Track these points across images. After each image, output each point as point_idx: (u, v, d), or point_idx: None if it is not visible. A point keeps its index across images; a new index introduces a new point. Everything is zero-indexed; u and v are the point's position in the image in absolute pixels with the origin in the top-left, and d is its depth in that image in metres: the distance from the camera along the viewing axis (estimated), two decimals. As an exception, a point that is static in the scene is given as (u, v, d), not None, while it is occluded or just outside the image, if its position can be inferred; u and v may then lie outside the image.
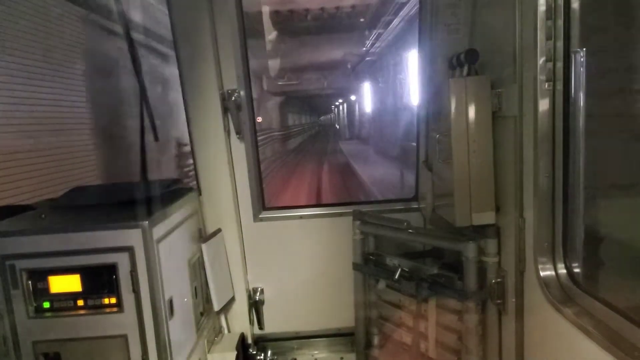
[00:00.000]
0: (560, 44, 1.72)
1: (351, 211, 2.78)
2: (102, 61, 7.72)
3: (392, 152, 16.12)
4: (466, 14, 2.39)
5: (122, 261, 1.93)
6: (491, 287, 2.18)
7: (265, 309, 3.07)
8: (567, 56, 1.71)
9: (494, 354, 2.28)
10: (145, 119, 2.81)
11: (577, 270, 1.78)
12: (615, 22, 1.78)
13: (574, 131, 1.71)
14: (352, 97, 29.44)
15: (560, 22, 1.71)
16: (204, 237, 2.72)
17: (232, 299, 2.92)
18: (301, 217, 3.01)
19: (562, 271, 1.80)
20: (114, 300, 1.96)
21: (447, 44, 2.47)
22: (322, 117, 48.97)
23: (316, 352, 3.13)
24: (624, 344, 1.37)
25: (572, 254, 1.80)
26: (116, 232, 1.93)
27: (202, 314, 2.59)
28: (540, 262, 1.83)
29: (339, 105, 37.52)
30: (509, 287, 2.12)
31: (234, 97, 2.68)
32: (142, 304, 1.95)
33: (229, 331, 2.93)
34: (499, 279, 2.17)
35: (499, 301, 2.18)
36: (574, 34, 1.71)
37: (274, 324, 3.10)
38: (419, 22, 2.72)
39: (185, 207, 2.48)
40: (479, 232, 2.20)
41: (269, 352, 3.00)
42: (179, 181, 2.75)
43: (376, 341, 2.84)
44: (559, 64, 1.73)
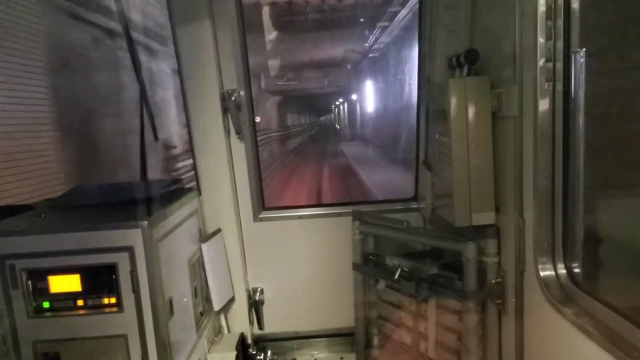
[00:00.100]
0: (560, 44, 1.72)
1: (351, 211, 2.78)
2: (69, 52, 6.49)
3: (398, 154, 15.39)
4: (466, 14, 2.39)
5: (122, 261, 1.92)
6: (491, 287, 2.18)
7: (265, 309, 3.08)
8: (567, 56, 1.71)
9: (493, 354, 2.28)
10: (145, 120, 2.81)
11: (577, 270, 1.78)
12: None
13: (573, 131, 1.72)
14: (354, 97, 28.65)
15: (560, 23, 1.71)
16: (204, 237, 2.72)
17: (232, 299, 2.92)
18: (301, 217, 3.02)
19: (562, 271, 1.80)
20: (113, 300, 1.96)
21: (447, 44, 2.47)
22: (322, 117, 48.91)
23: (316, 352, 3.13)
24: (623, 345, 1.37)
25: (572, 254, 1.80)
26: (116, 232, 1.93)
27: (202, 314, 2.59)
28: (540, 262, 1.83)
29: (339, 105, 37.38)
30: (509, 287, 2.12)
31: (233, 97, 2.69)
32: (142, 303, 1.95)
33: (229, 331, 2.93)
34: (499, 279, 2.17)
35: (498, 301, 2.18)
36: (574, 34, 1.71)
37: (274, 324, 3.10)
38: (419, 22, 2.72)
39: (185, 207, 2.49)
40: (478, 232, 2.20)
41: (269, 352, 3.00)
42: (179, 181, 2.75)
43: (376, 341, 2.84)
44: (559, 64, 1.73)
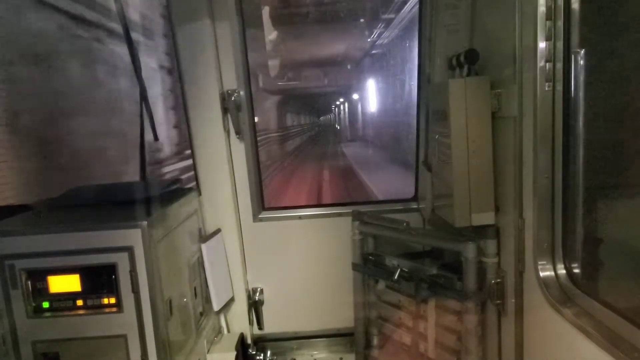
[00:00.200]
0: (560, 45, 1.72)
1: (350, 211, 2.78)
2: (28, 41, 5.37)
3: (402, 155, 14.71)
4: (466, 14, 2.39)
5: (121, 261, 1.92)
6: (491, 287, 2.18)
7: (264, 309, 3.07)
8: (567, 57, 1.71)
9: (493, 354, 2.28)
10: (145, 119, 2.81)
11: (576, 270, 1.78)
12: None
13: (573, 132, 1.72)
14: (355, 96, 27.84)
15: (560, 23, 1.71)
16: (204, 237, 2.72)
17: (232, 299, 2.92)
18: (300, 218, 3.01)
19: (562, 272, 1.80)
20: (113, 300, 1.96)
21: (447, 44, 2.47)
22: (322, 118, 48.86)
23: (315, 353, 3.13)
24: (623, 345, 1.37)
25: (572, 255, 1.80)
26: (116, 232, 1.93)
27: (201, 314, 2.59)
28: (539, 262, 1.83)
29: (339, 104, 37.21)
30: (509, 287, 2.12)
31: (233, 97, 2.69)
32: (142, 304, 1.95)
33: (229, 331, 2.93)
34: (499, 280, 2.17)
35: (498, 302, 2.18)
36: (573, 35, 1.71)
37: (274, 324, 3.10)
38: (418, 23, 2.72)
39: (184, 207, 2.49)
40: (478, 232, 2.20)
41: (269, 352, 3.00)
42: (179, 181, 2.75)
43: (375, 341, 2.84)
44: (559, 65, 1.73)
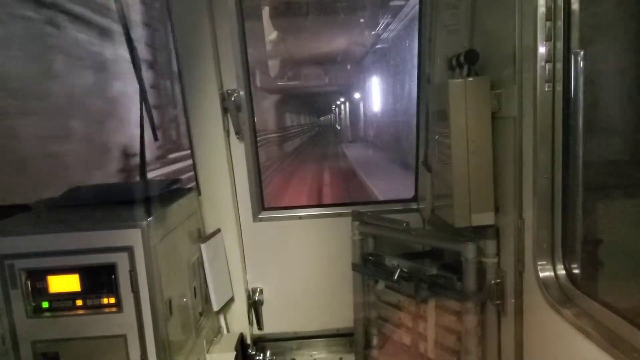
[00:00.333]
0: (560, 45, 1.72)
1: (350, 211, 2.78)
2: None
3: (405, 156, 14.17)
4: (466, 14, 2.39)
5: (121, 261, 1.92)
6: (490, 288, 2.18)
7: (264, 309, 3.07)
8: (567, 57, 1.71)
9: (493, 354, 2.28)
10: (145, 119, 2.80)
11: (576, 271, 1.78)
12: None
13: (573, 132, 1.72)
14: (357, 95, 26.72)
15: (560, 23, 1.71)
16: (203, 237, 2.71)
17: (232, 299, 2.92)
18: (300, 218, 3.01)
19: (562, 272, 1.79)
20: (113, 300, 1.96)
21: (447, 44, 2.47)
22: (322, 118, 48.79)
23: (315, 353, 3.13)
24: (623, 345, 1.37)
25: (572, 255, 1.80)
26: (115, 232, 1.93)
27: (201, 314, 2.59)
28: (539, 263, 1.83)
29: (340, 104, 36.99)
30: (508, 288, 2.12)
31: (233, 97, 2.68)
32: (142, 304, 1.95)
33: (228, 331, 2.93)
34: (498, 280, 2.17)
35: (498, 302, 2.18)
36: (574, 35, 1.71)
37: (273, 324, 3.10)
38: (418, 23, 2.72)
39: (184, 207, 2.48)
40: (478, 232, 2.20)
41: (268, 353, 3.00)
42: (179, 181, 2.75)
43: (375, 342, 2.84)
44: (559, 65, 1.73)
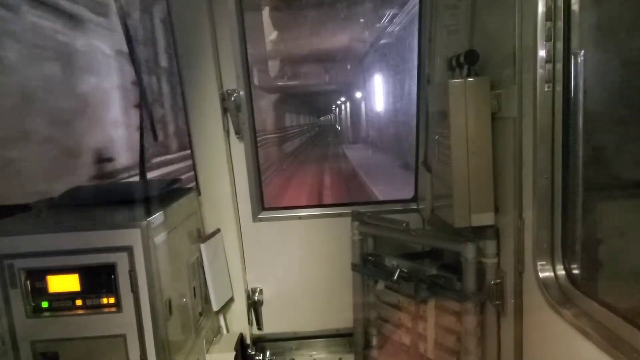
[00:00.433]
0: (560, 45, 1.72)
1: (350, 212, 2.78)
2: None
3: (411, 159, 13.61)
4: (466, 14, 2.39)
5: (121, 261, 1.92)
6: (490, 288, 2.18)
7: (264, 310, 3.07)
8: (567, 57, 1.71)
9: (492, 355, 2.28)
10: (144, 119, 2.81)
11: (576, 271, 1.78)
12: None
13: (573, 132, 1.72)
14: (358, 94, 25.56)
15: (560, 24, 1.71)
16: (203, 237, 2.71)
17: (231, 299, 2.92)
18: (300, 218, 3.01)
19: (561, 272, 1.79)
20: (112, 300, 1.96)
21: (447, 44, 2.47)
22: (322, 118, 48.71)
23: (315, 353, 3.13)
24: (622, 346, 1.37)
25: (571, 256, 1.80)
26: (115, 231, 1.93)
27: (200, 314, 2.59)
28: (539, 263, 1.83)
29: (340, 104, 36.74)
30: (508, 288, 2.12)
31: (233, 97, 2.68)
32: (141, 304, 1.95)
33: (228, 331, 2.93)
34: (498, 280, 2.16)
35: (497, 302, 2.17)
36: (573, 35, 1.71)
37: (273, 325, 3.10)
38: (418, 23, 2.72)
39: (184, 207, 2.48)
40: (478, 233, 2.20)
41: (268, 353, 2.99)
42: (178, 181, 2.75)
43: (375, 342, 2.84)
44: (559, 65, 1.73)
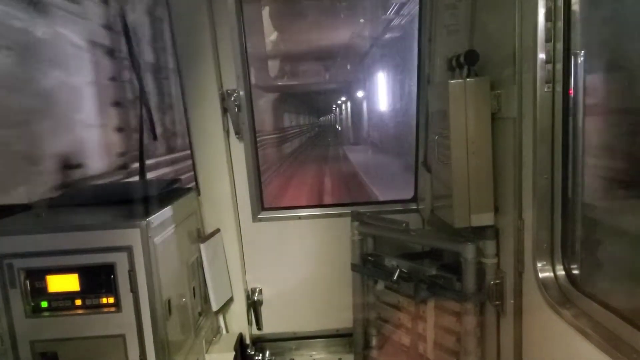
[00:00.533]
0: (560, 46, 1.72)
1: (350, 212, 2.77)
2: None
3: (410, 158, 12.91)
4: (466, 14, 2.39)
5: (120, 261, 1.92)
6: (490, 288, 2.18)
7: (263, 310, 3.07)
8: (567, 58, 1.71)
9: (492, 355, 2.28)
10: (144, 119, 2.80)
11: (575, 272, 1.78)
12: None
13: (573, 132, 1.72)
14: (360, 94, 24.39)
15: (560, 24, 1.71)
16: (203, 237, 2.71)
17: (231, 299, 2.92)
18: (300, 218, 3.01)
19: (561, 273, 1.80)
20: (112, 300, 1.96)
21: (447, 44, 2.47)
22: (322, 118, 48.62)
23: (314, 353, 3.13)
24: (622, 346, 1.37)
25: (571, 256, 1.80)
26: (115, 231, 1.93)
27: (200, 314, 2.59)
28: (538, 263, 1.83)
29: (341, 104, 36.50)
30: (508, 288, 2.12)
31: (233, 97, 2.68)
32: (140, 303, 1.95)
33: (227, 331, 2.92)
34: (498, 281, 2.16)
35: (497, 302, 2.17)
36: (573, 36, 1.71)
37: (273, 325, 3.10)
38: (418, 23, 2.72)
39: (184, 207, 2.48)
40: (477, 233, 2.20)
41: (267, 353, 2.99)
42: (178, 181, 2.75)
43: (374, 342, 2.84)
44: (559, 66, 1.73)
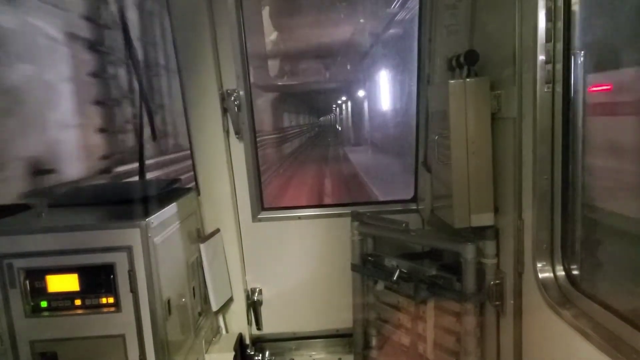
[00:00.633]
0: (559, 46, 1.72)
1: (350, 212, 2.77)
2: None
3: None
4: (466, 15, 2.39)
5: (120, 261, 1.92)
6: (490, 288, 2.18)
7: (263, 310, 3.07)
8: (567, 58, 1.71)
9: (492, 355, 2.27)
10: (144, 119, 2.80)
11: (575, 272, 1.78)
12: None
13: (573, 133, 1.72)
14: (361, 93, 23.54)
15: (560, 24, 1.71)
16: (203, 237, 2.71)
17: (230, 299, 2.92)
18: (300, 218, 3.01)
19: (561, 273, 1.79)
20: (111, 299, 1.96)
21: (447, 44, 2.47)
22: (322, 118, 48.55)
23: (314, 353, 3.12)
24: (622, 347, 1.37)
25: (571, 256, 1.80)
26: (115, 231, 1.93)
27: (200, 314, 2.59)
28: (538, 263, 1.83)
29: (341, 104, 36.29)
30: (508, 288, 2.12)
31: (233, 97, 2.68)
32: (140, 303, 1.95)
33: (227, 331, 2.92)
34: (498, 281, 2.16)
35: (497, 303, 2.17)
36: (573, 36, 1.71)
37: (272, 325, 3.10)
38: (418, 23, 2.72)
39: (183, 207, 2.48)
40: (477, 233, 2.19)
41: (267, 353, 2.99)
42: (178, 181, 2.75)
43: (374, 342, 2.84)
44: (559, 66, 1.73)
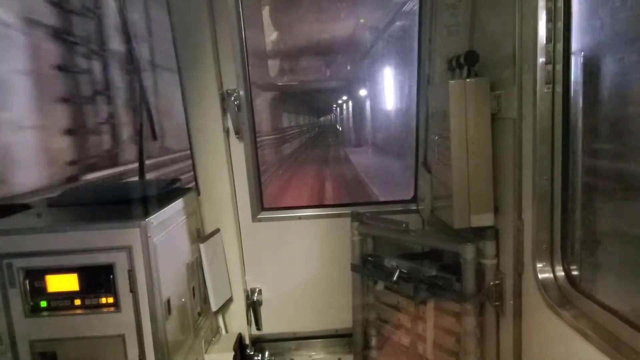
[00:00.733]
0: (560, 46, 1.72)
1: (350, 212, 2.77)
2: None
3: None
4: (466, 15, 2.39)
5: (120, 261, 1.92)
6: (489, 289, 2.18)
7: (263, 310, 3.07)
8: (567, 58, 1.71)
9: (491, 356, 2.28)
10: (144, 119, 2.81)
11: (575, 272, 1.78)
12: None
13: (573, 133, 1.72)
14: (362, 93, 22.49)
15: (560, 25, 1.71)
16: (202, 237, 2.71)
17: (230, 300, 2.92)
18: (300, 218, 3.01)
19: (560, 274, 1.80)
20: (111, 299, 1.96)
21: (447, 45, 2.47)
22: (322, 118, 48.53)
23: (314, 353, 3.12)
24: (622, 347, 1.37)
25: (571, 257, 1.80)
26: (114, 231, 1.93)
27: (199, 314, 2.59)
28: (538, 264, 1.83)
29: (341, 104, 36.20)
30: (507, 289, 2.12)
31: (233, 97, 2.68)
32: (140, 303, 1.95)
33: (227, 331, 2.92)
34: (497, 281, 2.16)
35: (497, 303, 2.17)
36: (574, 36, 1.71)
37: (272, 325, 3.10)
38: (418, 23, 2.72)
39: (183, 207, 2.48)
40: (477, 233, 2.20)
41: (267, 353, 2.99)
42: (178, 181, 2.75)
43: (374, 342, 2.84)
44: (559, 66, 1.73)
